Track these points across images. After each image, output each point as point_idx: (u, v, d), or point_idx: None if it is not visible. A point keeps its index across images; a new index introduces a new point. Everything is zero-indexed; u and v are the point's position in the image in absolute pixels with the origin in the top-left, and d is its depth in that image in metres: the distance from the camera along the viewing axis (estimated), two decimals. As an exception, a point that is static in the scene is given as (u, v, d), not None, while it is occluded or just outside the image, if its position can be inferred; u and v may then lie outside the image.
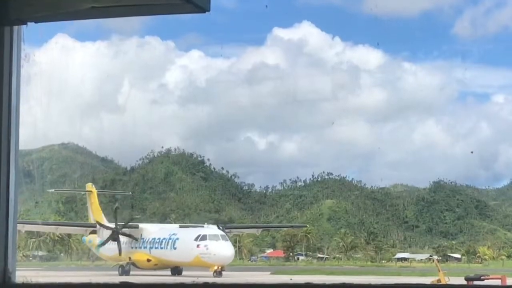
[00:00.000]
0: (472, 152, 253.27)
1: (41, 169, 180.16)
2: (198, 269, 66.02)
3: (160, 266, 68.91)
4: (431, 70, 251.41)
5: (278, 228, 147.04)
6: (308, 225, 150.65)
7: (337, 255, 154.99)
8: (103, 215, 79.65)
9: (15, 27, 3.98)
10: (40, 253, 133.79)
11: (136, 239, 69.25)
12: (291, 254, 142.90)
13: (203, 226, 75.55)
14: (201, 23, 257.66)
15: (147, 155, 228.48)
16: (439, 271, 53.38)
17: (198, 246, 63.86)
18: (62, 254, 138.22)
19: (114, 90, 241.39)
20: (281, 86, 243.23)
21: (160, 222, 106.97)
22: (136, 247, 69.76)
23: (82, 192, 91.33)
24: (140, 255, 69.22)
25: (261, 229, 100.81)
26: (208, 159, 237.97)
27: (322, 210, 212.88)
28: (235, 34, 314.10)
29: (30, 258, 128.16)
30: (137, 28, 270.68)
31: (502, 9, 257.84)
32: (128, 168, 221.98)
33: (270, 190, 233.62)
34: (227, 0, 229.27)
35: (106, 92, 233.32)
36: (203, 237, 64.54)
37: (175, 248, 66.50)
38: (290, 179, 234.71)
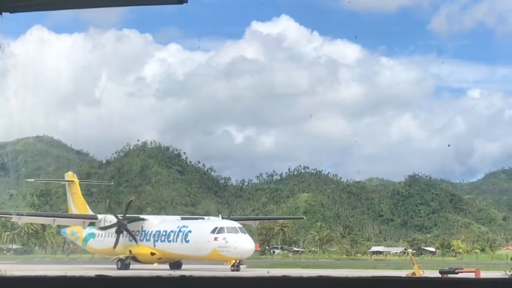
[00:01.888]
0: (449, 145, 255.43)
1: (15, 162, 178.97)
2: (201, 262, 64.10)
3: (165, 260, 65.85)
4: (408, 65, 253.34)
5: (274, 220, 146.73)
6: (305, 217, 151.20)
7: (313, 249, 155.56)
8: (88, 206, 77.27)
9: (-10, 18, 3.92)
10: (15, 246, 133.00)
11: (134, 238, 65.67)
12: (266, 247, 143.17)
13: (203, 218, 73.05)
14: (179, 16, 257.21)
15: (123, 148, 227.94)
16: (414, 264, 53.72)
17: (215, 239, 60.28)
18: (36, 248, 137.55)
19: (91, 83, 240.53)
20: (260, 80, 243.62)
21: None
22: (136, 240, 66.11)
23: (62, 182, 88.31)
24: (142, 249, 65.67)
25: (258, 221, 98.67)
26: (185, 153, 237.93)
27: (298, 203, 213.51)
28: (213, 28, 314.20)
29: (4, 252, 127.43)
30: (115, 21, 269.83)
31: (478, 4, 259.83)
32: (104, 161, 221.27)
33: (246, 183, 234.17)
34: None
35: (83, 85, 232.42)
36: (221, 230, 60.92)
37: (187, 241, 62.89)
38: (266, 173, 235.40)
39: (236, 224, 63.24)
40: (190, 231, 63.54)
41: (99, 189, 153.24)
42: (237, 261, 60.18)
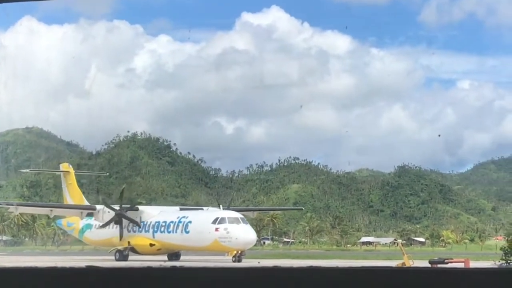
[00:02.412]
0: (439, 136, 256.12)
1: (5, 153, 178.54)
2: (200, 253, 63.49)
3: (164, 251, 64.67)
4: (398, 56, 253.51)
5: (272, 211, 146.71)
6: (303, 208, 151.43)
7: (303, 239, 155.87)
8: (83, 197, 76.78)
9: (-21, 8, 3.89)
10: (4, 237, 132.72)
11: (137, 224, 64.90)
12: (257, 238, 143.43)
13: (202, 209, 72.47)
14: (170, 8, 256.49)
15: (113, 139, 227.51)
16: (404, 254, 53.94)
17: (217, 229, 59.34)
18: (26, 239, 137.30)
19: (81, 74, 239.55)
20: (250, 71, 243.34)
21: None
22: (135, 231, 65.30)
23: (57, 173, 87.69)
24: (141, 240, 64.81)
25: (256, 212, 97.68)
26: (175, 144, 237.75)
27: (288, 194, 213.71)
28: (203, 19, 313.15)
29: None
30: (106, 12, 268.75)
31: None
32: (94, 153, 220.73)
33: (236, 174, 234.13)
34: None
35: (73, 76, 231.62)
36: (222, 220, 60.00)
37: (187, 232, 61.89)
38: (256, 164, 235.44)
39: (237, 215, 62.51)
40: (190, 222, 62.54)
41: (89, 180, 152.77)
42: (239, 252, 59.31)
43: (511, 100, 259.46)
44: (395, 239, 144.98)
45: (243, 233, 59.39)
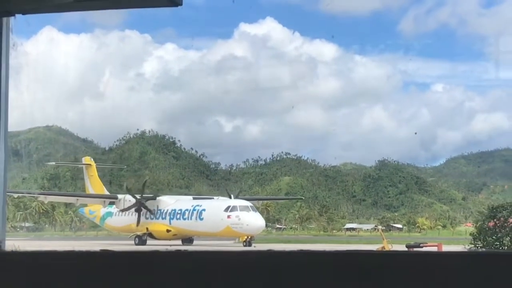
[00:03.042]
0: (416, 133, 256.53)
1: (27, 148, 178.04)
2: (208, 238, 63.16)
3: (179, 236, 63.89)
4: (379, 62, 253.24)
5: (271, 200, 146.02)
6: (303, 197, 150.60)
7: (294, 226, 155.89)
8: (104, 187, 76.17)
9: (4, 19, 3.90)
10: (27, 224, 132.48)
11: (152, 212, 64.05)
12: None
13: (213, 198, 71.53)
14: (175, 19, 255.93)
15: (124, 136, 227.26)
16: (383, 239, 53.98)
17: (229, 216, 58.81)
18: (46, 225, 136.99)
19: (96, 78, 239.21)
20: (247, 75, 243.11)
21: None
22: (152, 218, 64.54)
23: (80, 165, 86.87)
24: (158, 226, 64.10)
25: (261, 201, 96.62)
26: (179, 140, 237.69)
27: (281, 186, 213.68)
28: (205, 28, 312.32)
29: (18, 229, 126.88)
30: (118, 23, 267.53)
31: (441, 8, 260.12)
32: (107, 148, 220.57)
33: (234, 168, 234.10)
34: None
35: (89, 80, 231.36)
36: (234, 208, 59.49)
37: (201, 219, 61.25)
38: (252, 159, 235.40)
39: (247, 203, 62.01)
40: (204, 210, 61.91)
41: (103, 172, 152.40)
42: (249, 237, 59.03)
43: (479, 101, 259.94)
44: (375, 226, 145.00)
45: (253, 220, 58.81)
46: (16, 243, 24.19)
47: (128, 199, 64.51)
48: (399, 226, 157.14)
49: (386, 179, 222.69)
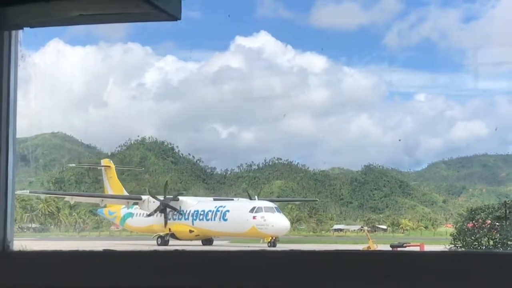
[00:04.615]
0: (400, 140, 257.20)
1: (34, 154, 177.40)
2: (227, 238, 61.18)
3: (202, 236, 61.29)
4: (365, 73, 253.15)
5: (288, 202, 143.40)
6: (318, 199, 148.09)
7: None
8: (123, 188, 74.30)
9: (13, 32, 3.91)
10: (33, 225, 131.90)
11: (179, 212, 61.64)
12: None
13: (233, 199, 69.09)
14: (175, 32, 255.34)
15: (125, 142, 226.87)
16: (369, 239, 53.99)
17: (254, 217, 56.01)
18: (52, 226, 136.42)
19: (100, 88, 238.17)
20: (242, 85, 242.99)
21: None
22: (175, 219, 61.91)
23: (99, 167, 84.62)
24: (181, 226, 61.50)
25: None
26: (177, 146, 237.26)
27: (273, 189, 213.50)
28: (203, 41, 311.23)
29: (25, 230, 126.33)
30: (121, 36, 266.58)
31: (424, 23, 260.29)
32: (109, 154, 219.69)
33: (229, 172, 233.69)
34: (194, 12, 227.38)
35: (93, 89, 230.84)
36: (259, 209, 56.78)
37: (225, 220, 58.57)
38: (246, 163, 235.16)
39: (272, 204, 59.96)
40: (228, 211, 59.38)
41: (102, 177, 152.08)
42: (273, 238, 56.69)
43: (459, 110, 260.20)
44: (362, 227, 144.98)
45: (278, 221, 56.59)
46: (23, 243, 24.11)
47: (152, 200, 62.19)
48: (384, 227, 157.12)
49: (372, 183, 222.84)
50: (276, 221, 56.29)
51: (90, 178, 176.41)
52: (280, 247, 56.40)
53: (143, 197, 64.09)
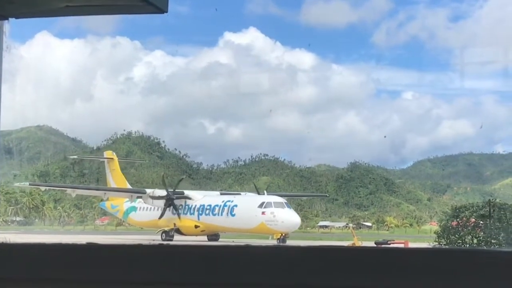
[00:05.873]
0: (385, 137, 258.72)
1: (19, 147, 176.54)
2: (235, 235, 58.28)
3: (208, 232, 58.45)
4: (353, 71, 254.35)
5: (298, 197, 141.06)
6: (328, 195, 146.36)
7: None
8: (127, 181, 72.51)
9: (-2, 22, 3.85)
10: (18, 218, 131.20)
11: (184, 206, 59.02)
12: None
13: (240, 194, 66.10)
14: (164, 27, 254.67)
15: (111, 136, 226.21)
16: (354, 236, 54.19)
17: (263, 213, 53.23)
18: (36, 220, 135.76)
19: (87, 81, 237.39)
20: (230, 81, 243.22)
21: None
22: (180, 214, 58.92)
23: (102, 159, 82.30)
24: (186, 221, 58.74)
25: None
26: (164, 141, 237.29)
27: (259, 185, 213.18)
28: (192, 37, 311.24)
29: (9, 223, 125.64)
30: (110, 29, 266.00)
31: (412, 22, 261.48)
32: (95, 148, 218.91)
33: (215, 168, 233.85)
34: (183, 7, 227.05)
35: (80, 83, 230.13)
36: (268, 204, 53.86)
37: (233, 215, 55.64)
38: (232, 159, 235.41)
39: (282, 200, 56.92)
40: (236, 205, 56.38)
41: (90, 171, 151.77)
42: (283, 234, 53.62)
43: (445, 109, 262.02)
44: (347, 224, 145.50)
45: (288, 217, 53.66)
46: (7, 236, 23.94)
47: (157, 194, 59.86)
48: (369, 224, 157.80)
49: (357, 180, 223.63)
50: (286, 217, 53.52)
51: (76, 172, 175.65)
52: (259, 242, 56.43)
53: (148, 190, 61.77)
